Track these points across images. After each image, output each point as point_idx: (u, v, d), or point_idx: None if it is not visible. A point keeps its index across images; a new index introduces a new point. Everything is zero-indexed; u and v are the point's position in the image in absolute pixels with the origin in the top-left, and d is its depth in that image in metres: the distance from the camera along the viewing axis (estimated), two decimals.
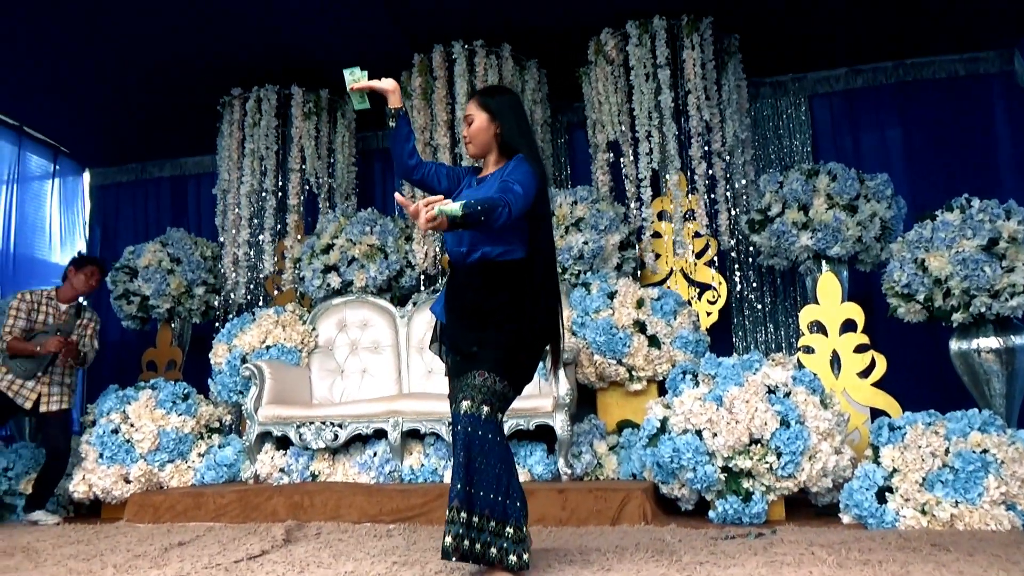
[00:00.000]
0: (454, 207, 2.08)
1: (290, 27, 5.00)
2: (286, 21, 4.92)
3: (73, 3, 4.61)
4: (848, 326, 4.18)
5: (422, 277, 5.41)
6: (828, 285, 4.28)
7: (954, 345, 4.03)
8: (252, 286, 5.71)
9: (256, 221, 5.66)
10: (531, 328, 2.41)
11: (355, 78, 2.55)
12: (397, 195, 2.29)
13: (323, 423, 4.24)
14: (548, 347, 2.56)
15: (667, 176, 4.95)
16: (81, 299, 4.57)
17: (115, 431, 4.32)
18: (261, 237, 5.65)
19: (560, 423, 3.93)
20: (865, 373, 4.08)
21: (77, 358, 4.39)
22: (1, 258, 6.10)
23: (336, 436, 4.21)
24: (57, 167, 6.78)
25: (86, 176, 7.15)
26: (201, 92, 5.69)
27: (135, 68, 5.40)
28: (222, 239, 5.76)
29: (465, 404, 2.27)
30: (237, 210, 5.65)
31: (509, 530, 2.20)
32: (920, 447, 3.17)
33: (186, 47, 5.17)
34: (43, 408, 4.27)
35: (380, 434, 4.24)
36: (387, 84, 2.59)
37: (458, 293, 2.49)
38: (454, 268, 2.54)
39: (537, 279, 2.43)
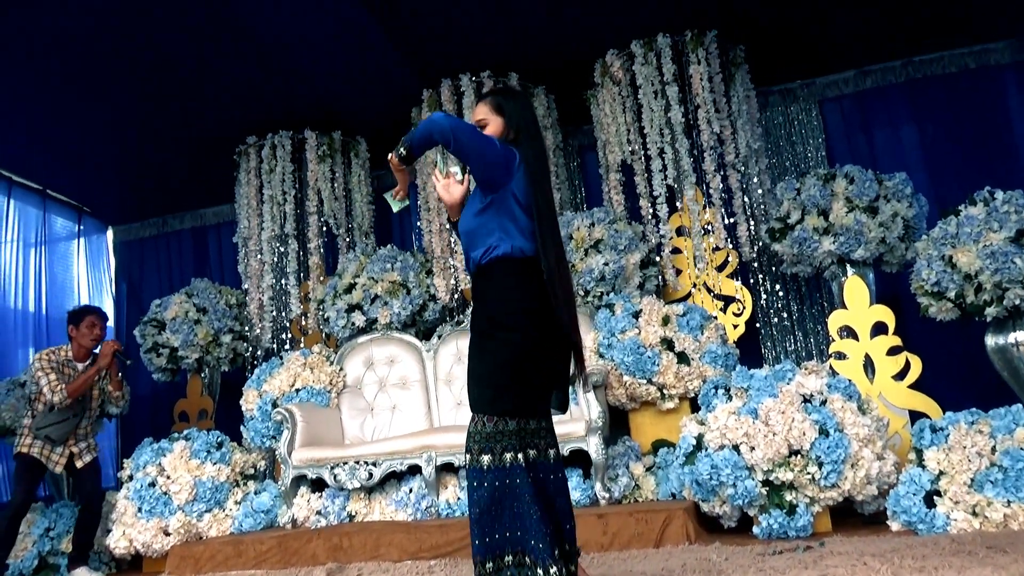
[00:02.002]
0: (400, 147, 2.27)
1: (301, 73, 5.09)
2: (297, 67, 5.01)
3: (88, 65, 4.72)
4: (879, 329, 4.12)
5: (445, 310, 5.42)
6: (855, 289, 4.23)
7: (990, 340, 3.96)
8: (278, 330, 5.76)
9: (278, 265, 5.72)
10: (520, 336, 2.21)
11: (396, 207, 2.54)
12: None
13: (357, 462, 4.23)
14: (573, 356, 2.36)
15: (683, 191, 4.95)
16: (97, 350, 4.48)
17: (152, 484, 4.34)
18: (284, 281, 5.71)
19: (594, 447, 3.90)
20: (900, 375, 4.01)
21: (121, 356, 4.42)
22: (33, 320, 6.19)
23: (371, 475, 4.20)
24: (81, 227, 6.92)
25: (110, 233, 7.28)
26: (217, 143, 5.80)
27: (151, 125, 5.51)
28: (246, 286, 5.83)
29: (467, 457, 2.20)
30: (259, 256, 5.72)
31: (539, 572, 2.10)
32: (965, 447, 3.10)
33: (200, 101, 5.27)
34: (79, 465, 4.32)
35: (414, 470, 4.22)
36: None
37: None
38: None
39: (545, 275, 2.25)
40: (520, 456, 2.18)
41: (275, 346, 5.77)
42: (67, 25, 4.31)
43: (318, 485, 4.41)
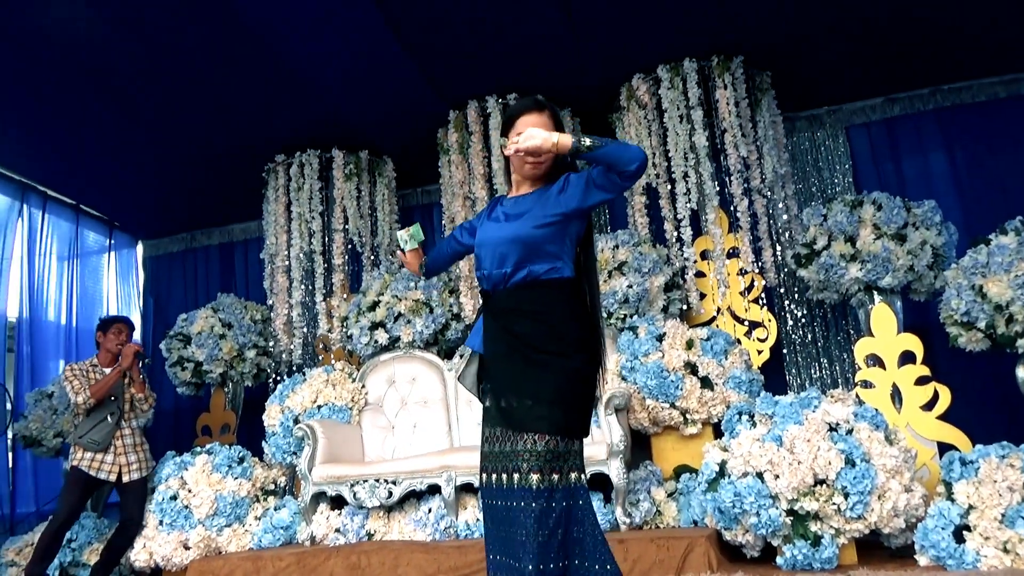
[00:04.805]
0: (583, 138, 2.06)
1: (330, 94, 5.16)
2: (325, 89, 5.08)
3: (120, 84, 4.82)
4: (907, 358, 4.06)
5: (468, 330, 5.43)
6: (882, 317, 4.18)
7: (1021, 372, 3.88)
8: (303, 346, 5.80)
9: (304, 282, 5.78)
10: (586, 358, 2.18)
11: (411, 244, 2.57)
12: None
13: (377, 481, 4.23)
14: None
15: (707, 215, 4.94)
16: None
17: (173, 497, 4.37)
18: (309, 298, 5.76)
19: (616, 470, 3.86)
20: (928, 406, 3.95)
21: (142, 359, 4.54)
22: (64, 332, 6.29)
23: (390, 493, 4.20)
24: (112, 241, 7.04)
25: (139, 248, 7.39)
26: (246, 161, 5.89)
27: (182, 143, 5.61)
28: (271, 302, 5.89)
29: (534, 478, 2.04)
30: (286, 273, 5.78)
31: None
32: (996, 481, 3.04)
33: (230, 120, 5.36)
34: (126, 479, 4.38)
35: (434, 489, 4.21)
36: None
37: (501, 319, 2.23)
38: (492, 295, 2.29)
39: (589, 300, 2.27)
40: (583, 477, 2.13)
41: (298, 362, 5.81)
42: (100, 46, 4.42)
43: (337, 502, 4.41)
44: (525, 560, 1.99)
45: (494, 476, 2.13)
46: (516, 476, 2.06)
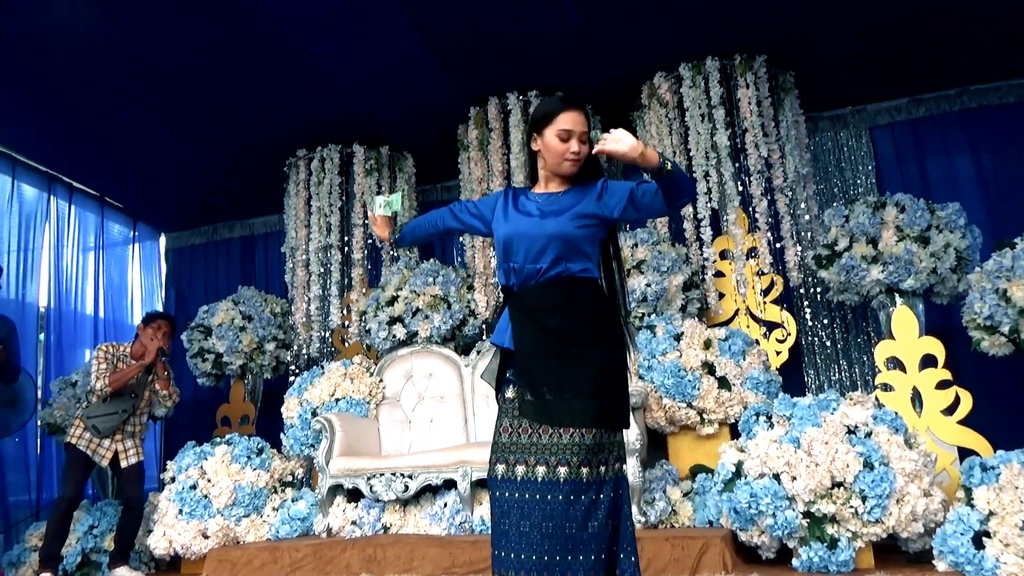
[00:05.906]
0: (667, 161, 2.08)
1: (351, 90, 5.19)
2: (346, 85, 5.11)
3: (144, 80, 4.87)
4: (928, 361, 4.02)
5: (484, 326, 5.44)
6: (903, 319, 4.14)
7: None
8: (321, 340, 5.85)
9: (323, 276, 5.82)
10: (617, 350, 2.21)
11: (385, 211, 2.57)
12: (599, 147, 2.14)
13: (393, 474, 4.26)
14: None
15: (727, 215, 4.91)
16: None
17: (193, 487, 4.42)
18: (329, 292, 5.80)
19: (631, 469, 3.86)
20: (949, 410, 3.91)
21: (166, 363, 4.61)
22: (90, 323, 6.39)
23: (406, 487, 4.22)
24: (136, 233, 7.13)
25: (162, 240, 7.47)
26: (268, 156, 5.93)
27: (205, 137, 5.66)
28: (291, 295, 5.94)
29: (585, 471, 2.05)
30: (306, 267, 5.83)
31: None
32: (1017, 488, 3.00)
33: (252, 115, 5.40)
34: (123, 464, 4.45)
35: (450, 484, 4.23)
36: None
37: (532, 314, 2.20)
38: (518, 290, 2.25)
39: (616, 299, 2.33)
40: (624, 467, 2.16)
41: (317, 356, 5.86)
42: (124, 45, 4.48)
43: (354, 495, 4.45)
44: (580, 552, 1.99)
45: (520, 468, 2.10)
46: (564, 470, 2.05)
